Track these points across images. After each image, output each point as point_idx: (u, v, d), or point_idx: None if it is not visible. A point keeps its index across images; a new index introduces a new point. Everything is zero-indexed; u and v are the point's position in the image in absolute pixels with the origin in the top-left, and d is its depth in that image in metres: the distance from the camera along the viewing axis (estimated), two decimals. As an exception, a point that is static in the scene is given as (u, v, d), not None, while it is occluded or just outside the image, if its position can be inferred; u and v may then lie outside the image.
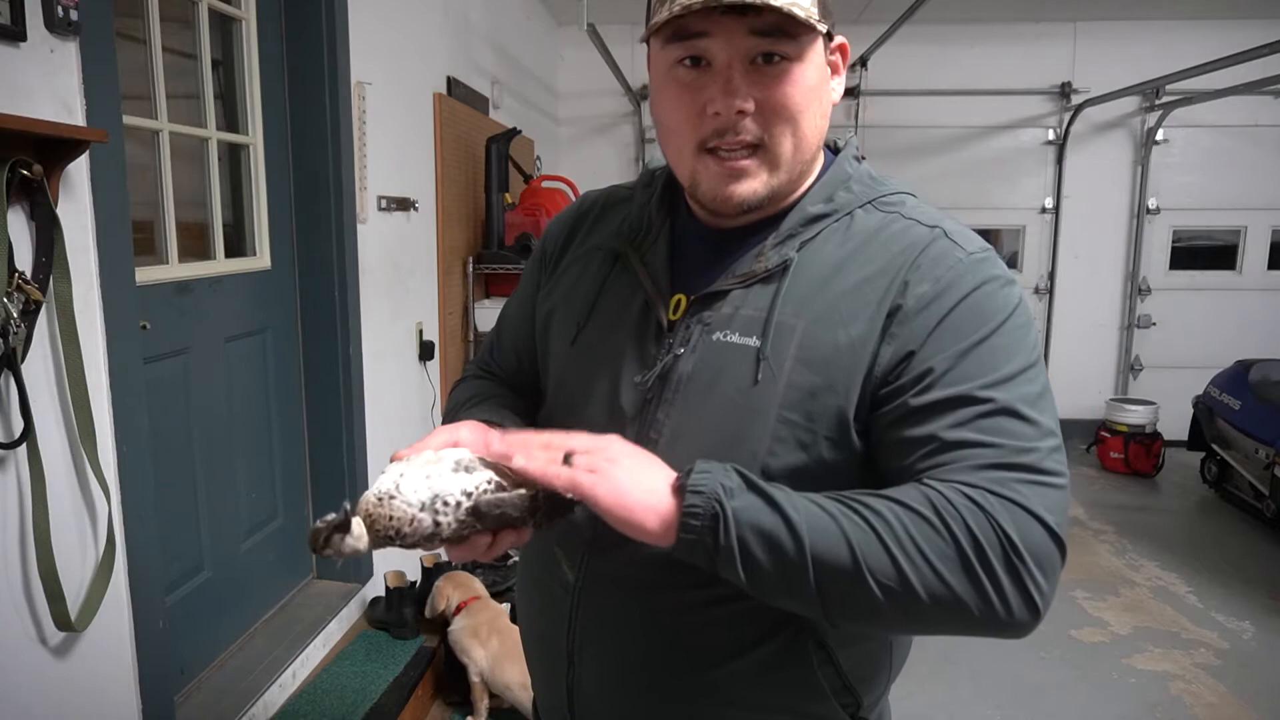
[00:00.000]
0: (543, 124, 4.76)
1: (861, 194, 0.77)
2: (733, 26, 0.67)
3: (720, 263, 0.77)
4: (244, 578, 2.08)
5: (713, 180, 0.73)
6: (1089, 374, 5.39)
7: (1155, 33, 4.96)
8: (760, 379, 0.70)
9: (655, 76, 0.76)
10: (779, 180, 0.73)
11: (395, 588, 2.33)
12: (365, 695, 2.03)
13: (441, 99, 2.91)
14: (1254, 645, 2.89)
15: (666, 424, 0.74)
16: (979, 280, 0.70)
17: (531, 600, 0.90)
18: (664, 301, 0.78)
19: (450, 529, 0.66)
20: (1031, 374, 0.69)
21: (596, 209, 0.91)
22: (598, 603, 0.79)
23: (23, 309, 1.22)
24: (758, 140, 0.71)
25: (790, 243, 0.75)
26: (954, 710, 2.52)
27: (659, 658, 0.76)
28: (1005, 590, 0.62)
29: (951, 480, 0.63)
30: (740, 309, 0.74)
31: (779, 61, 0.69)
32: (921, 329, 0.68)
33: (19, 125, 1.17)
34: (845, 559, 0.61)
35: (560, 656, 0.83)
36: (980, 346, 0.68)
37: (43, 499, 1.27)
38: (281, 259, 2.20)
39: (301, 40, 2.15)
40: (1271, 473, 3.72)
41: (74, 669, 1.40)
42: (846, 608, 0.63)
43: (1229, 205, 5.16)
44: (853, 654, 0.76)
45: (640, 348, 0.78)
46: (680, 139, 0.73)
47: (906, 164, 5.27)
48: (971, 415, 0.65)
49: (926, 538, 0.61)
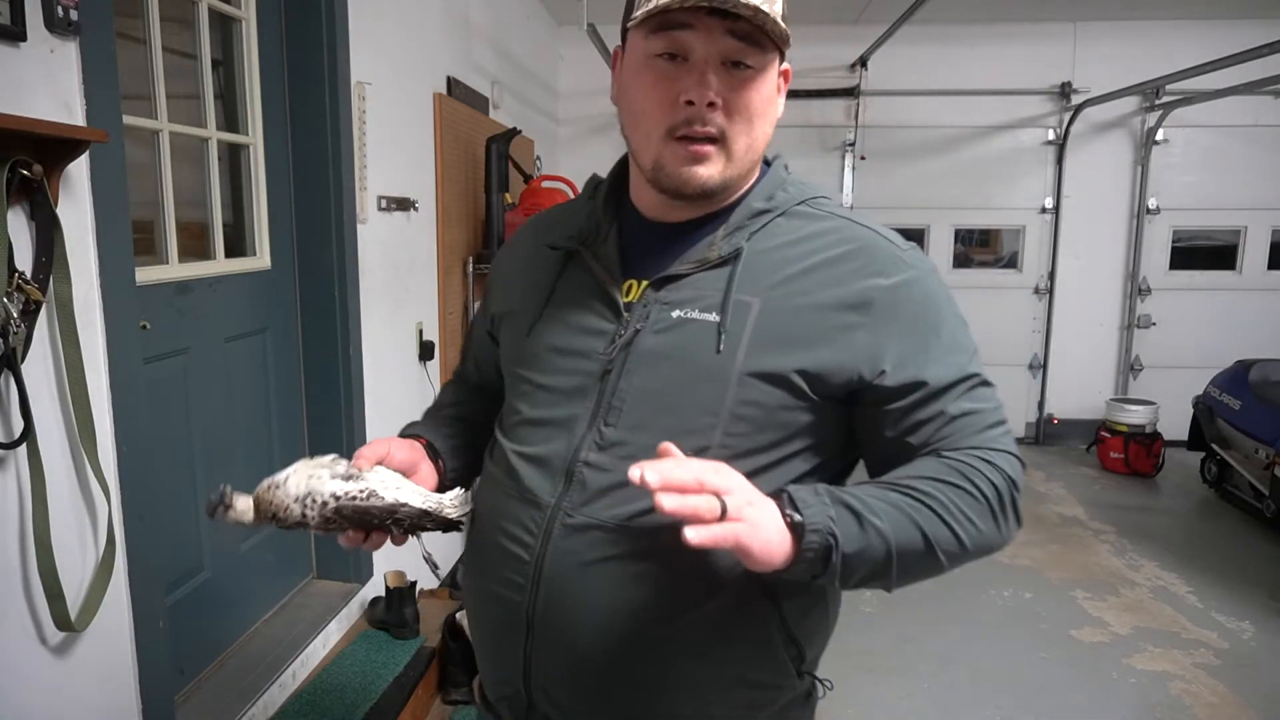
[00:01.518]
0: (543, 124, 4.76)
1: (795, 194, 0.88)
2: (714, 25, 0.76)
3: (668, 253, 0.87)
4: (244, 578, 2.08)
5: (678, 162, 0.81)
6: (1089, 374, 5.39)
7: (1155, 33, 4.95)
8: (722, 348, 0.80)
9: (630, 65, 0.83)
10: (732, 171, 0.82)
11: (395, 588, 2.33)
12: (365, 695, 2.03)
13: (441, 99, 2.91)
14: (1254, 645, 2.89)
15: (629, 391, 0.82)
16: (925, 270, 0.85)
17: (484, 570, 0.91)
18: (618, 286, 0.87)
19: (315, 521, 0.82)
20: (973, 342, 0.85)
21: (541, 224, 1.01)
22: (562, 564, 0.83)
23: (23, 309, 1.22)
24: (720, 133, 0.80)
25: (739, 233, 0.85)
26: (954, 710, 2.52)
27: (621, 616, 0.81)
28: (1011, 520, 0.81)
29: (965, 447, 0.80)
30: (698, 290, 0.83)
31: (745, 69, 0.78)
32: (894, 321, 0.81)
33: (19, 125, 1.17)
34: (920, 545, 0.75)
35: (518, 626, 0.86)
36: (947, 330, 0.83)
37: (43, 499, 1.27)
38: (281, 259, 2.20)
39: (301, 40, 2.15)
40: (1271, 473, 3.72)
41: (74, 669, 1.40)
42: (915, 576, 0.77)
43: (1229, 205, 5.16)
44: (796, 607, 0.85)
45: (598, 327, 0.86)
46: (651, 123, 0.81)
47: (906, 164, 5.27)
48: (964, 390, 0.82)
49: (967, 504, 0.77)
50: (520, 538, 0.85)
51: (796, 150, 5.29)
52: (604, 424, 0.83)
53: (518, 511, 0.86)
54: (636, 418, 0.81)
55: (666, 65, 0.78)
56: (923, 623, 3.03)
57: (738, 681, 0.84)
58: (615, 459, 0.81)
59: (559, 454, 0.85)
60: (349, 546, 0.85)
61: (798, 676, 0.87)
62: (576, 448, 0.84)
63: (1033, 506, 4.29)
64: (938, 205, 5.29)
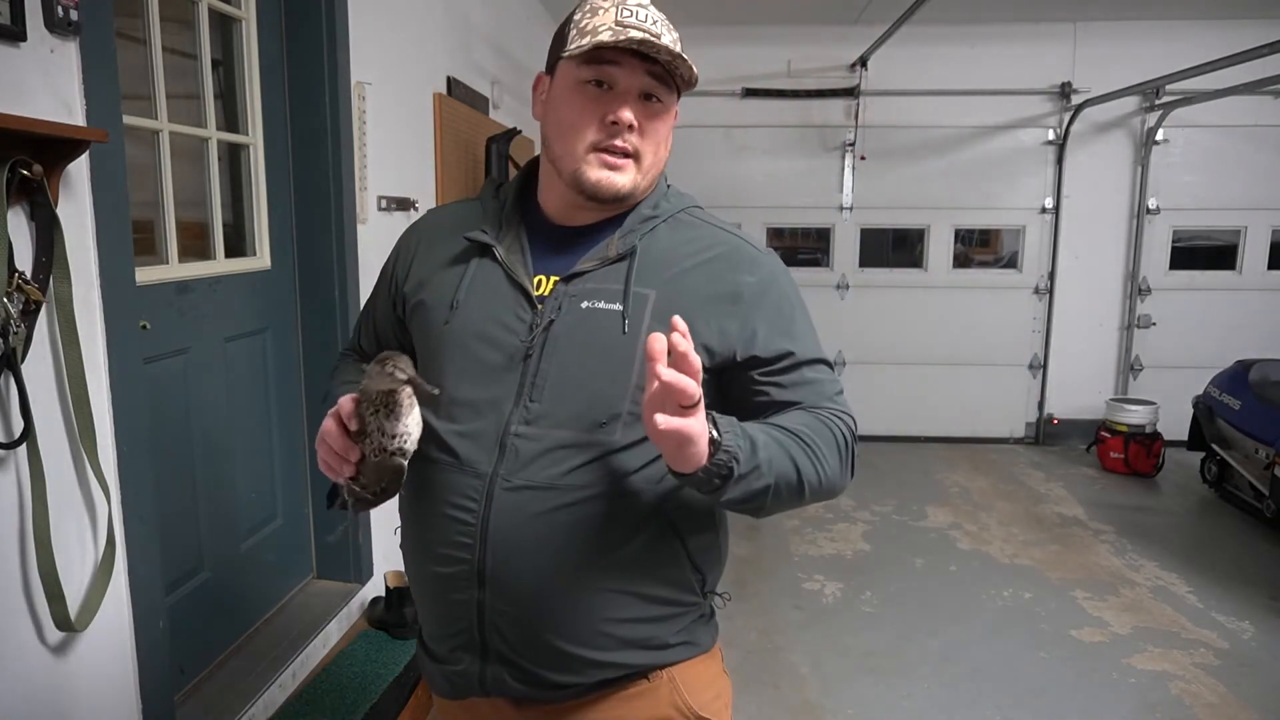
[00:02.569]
0: (543, 124, 4.75)
1: (676, 204, 1.05)
2: (636, 65, 0.94)
3: (569, 253, 1.01)
4: (244, 578, 2.08)
5: (599, 170, 0.96)
6: (1089, 374, 5.39)
7: (1155, 33, 4.95)
8: (626, 332, 0.95)
9: (561, 88, 0.98)
10: (641, 182, 0.99)
11: (395, 588, 2.34)
12: (365, 695, 2.03)
13: (441, 99, 2.91)
14: (1254, 645, 2.89)
15: (550, 371, 0.96)
16: (780, 270, 1.04)
17: (429, 542, 1.00)
18: (530, 280, 1.00)
19: (386, 452, 0.92)
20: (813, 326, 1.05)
21: (447, 218, 1.12)
22: (507, 521, 0.94)
23: (23, 309, 1.22)
24: (633, 151, 0.97)
25: (632, 235, 1.00)
26: (954, 710, 2.52)
27: (561, 558, 0.95)
28: (850, 467, 1.00)
29: (824, 406, 0.99)
30: (601, 284, 0.98)
31: (655, 102, 0.97)
32: (760, 309, 0.99)
33: (19, 125, 1.18)
34: (793, 477, 0.91)
35: (469, 583, 0.96)
36: (801, 318, 1.03)
37: (43, 499, 1.27)
38: (281, 259, 2.20)
39: (301, 40, 2.15)
40: (1271, 473, 3.72)
41: (74, 669, 1.40)
42: (783, 504, 0.92)
43: (1229, 205, 5.16)
44: (697, 542, 1.02)
45: (515, 316, 0.98)
46: (577, 136, 0.96)
47: (906, 164, 5.27)
48: (817, 363, 1.01)
49: (829, 448, 0.95)
50: (464, 504, 0.96)
51: (796, 150, 5.30)
52: (529, 400, 0.96)
53: (459, 481, 0.97)
54: (557, 393, 0.95)
55: (595, 91, 0.95)
56: (923, 623, 3.03)
57: (657, 601, 1.00)
58: (542, 429, 0.95)
59: (491, 428, 0.96)
60: (329, 450, 0.95)
61: (702, 596, 1.05)
62: (506, 422, 0.96)
63: (1032, 506, 4.29)
64: (938, 205, 5.29)
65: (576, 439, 0.95)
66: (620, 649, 0.99)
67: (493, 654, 0.99)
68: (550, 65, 1.01)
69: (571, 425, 0.95)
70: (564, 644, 0.97)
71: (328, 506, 1.10)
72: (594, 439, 0.95)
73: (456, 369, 0.99)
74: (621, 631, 0.99)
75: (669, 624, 1.02)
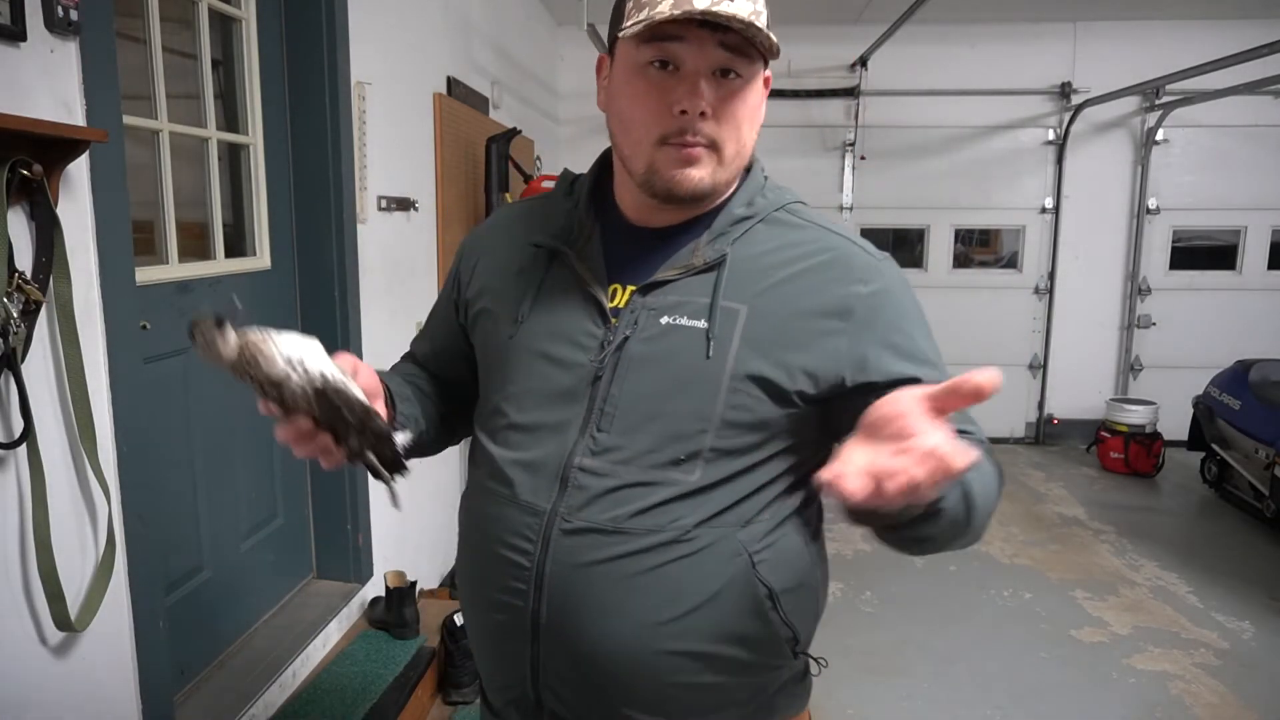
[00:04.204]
0: (543, 124, 4.76)
1: (774, 200, 0.90)
2: (705, 37, 0.78)
3: (651, 258, 0.88)
4: (244, 578, 2.07)
5: (670, 166, 0.82)
6: (1089, 374, 5.39)
7: (1155, 33, 4.96)
8: (711, 354, 0.82)
9: (621, 74, 0.84)
10: (721, 176, 0.84)
11: (395, 588, 2.33)
12: (365, 695, 2.03)
13: (441, 99, 2.91)
14: (1254, 645, 2.89)
15: (622, 397, 0.84)
16: (898, 278, 0.88)
17: (483, 578, 0.90)
18: (604, 291, 0.87)
19: (292, 388, 0.73)
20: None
21: (517, 217, 1.00)
22: (564, 567, 0.83)
23: (23, 309, 1.22)
24: (710, 141, 0.81)
25: (722, 240, 0.86)
26: (954, 710, 2.52)
27: (625, 614, 0.83)
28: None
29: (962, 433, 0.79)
30: (684, 296, 0.85)
31: (734, 78, 0.81)
32: (874, 326, 0.84)
33: (19, 125, 1.17)
34: (963, 508, 0.76)
35: (524, 631, 0.86)
36: (923, 334, 0.87)
37: (43, 499, 1.27)
38: (281, 259, 2.20)
39: (301, 40, 2.15)
40: (1271, 473, 3.72)
41: (74, 669, 1.40)
42: (946, 543, 0.78)
43: (1229, 205, 5.16)
44: (791, 594, 0.87)
45: (586, 332, 0.86)
46: (643, 131, 0.82)
47: (906, 164, 5.27)
48: None
49: (990, 475, 0.81)
50: (518, 545, 0.85)
51: (796, 150, 5.30)
52: (596, 429, 0.84)
53: (514, 518, 0.86)
54: (629, 422, 0.83)
55: (658, 74, 0.80)
56: (923, 623, 3.03)
57: (737, 665, 0.87)
58: (609, 463, 0.83)
59: (552, 459, 0.85)
60: (292, 441, 0.77)
61: (793, 657, 0.91)
62: (570, 452, 0.84)
63: (1032, 506, 4.29)
64: (938, 205, 5.29)
65: (648, 477, 0.82)
66: (691, 718, 0.88)
67: (547, 714, 0.89)
68: (610, 44, 0.86)
69: (643, 461, 0.82)
70: (627, 710, 0.86)
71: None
72: (668, 478, 0.82)
73: (519, 389, 0.89)
74: (694, 699, 0.87)
75: (751, 690, 0.89)
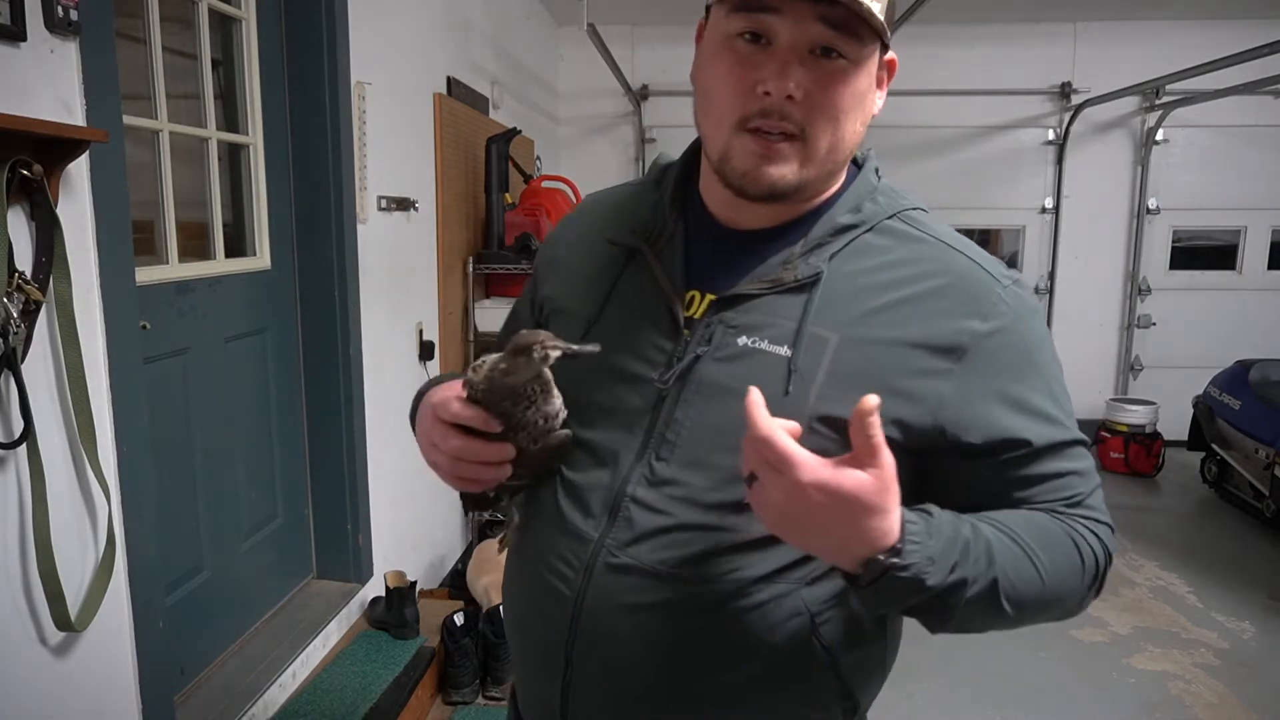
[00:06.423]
0: (543, 124, 4.76)
1: (886, 206, 0.78)
2: (804, 10, 0.66)
3: (738, 264, 0.77)
4: (244, 578, 2.07)
5: (747, 157, 0.71)
6: (1089, 374, 5.38)
7: (1155, 33, 4.95)
8: (791, 390, 0.71)
9: (708, 43, 0.74)
10: (810, 173, 0.72)
11: (395, 588, 2.33)
12: (365, 695, 2.03)
13: (441, 99, 2.91)
14: (1254, 645, 2.89)
15: (686, 423, 0.74)
16: (1027, 312, 0.75)
17: (523, 595, 0.85)
18: (680, 299, 0.77)
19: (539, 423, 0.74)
20: (1069, 397, 0.77)
21: (602, 208, 0.91)
22: (603, 605, 0.76)
23: (23, 309, 1.22)
24: (798, 130, 0.70)
25: (820, 252, 0.75)
26: (954, 710, 2.52)
27: (667, 662, 0.74)
28: (1096, 590, 0.75)
29: (1071, 514, 0.73)
30: (769, 316, 0.74)
31: (837, 59, 0.68)
32: (987, 371, 0.72)
33: (19, 125, 1.17)
34: (988, 590, 0.66)
35: (556, 659, 0.79)
36: (1052, 385, 0.74)
37: (43, 499, 1.27)
38: (281, 259, 2.20)
39: (301, 40, 2.15)
40: (1271, 473, 3.72)
41: (74, 669, 1.40)
42: (975, 625, 0.69)
43: (1229, 205, 5.16)
44: (853, 658, 0.77)
45: (655, 345, 0.77)
46: (722, 110, 0.71)
47: (906, 164, 5.26)
48: (1066, 450, 0.74)
49: (1062, 557, 0.71)
50: (561, 571, 0.78)
51: (796, 150, 5.29)
52: (655, 458, 0.75)
53: (559, 542, 0.78)
54: (692, 454, 0.73)
55: (747, 48, 0.69)
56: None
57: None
58: (666, 498, 0.74)
59: (603, 485, 0.76)
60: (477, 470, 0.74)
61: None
62: (624, 480, 0.75)
63: (1033, 506, 4.29)
64: (937, 205, 5.14)
65: (707, 520, 0.73)
66: None
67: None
68: (707, 8, 0.76)
69: (702, 501, 0.73)
70: None
71: (466, 512, 0.87)
72: (729, 523, 0.72)
73: (582, 402, 0.79)
74: None
75: None
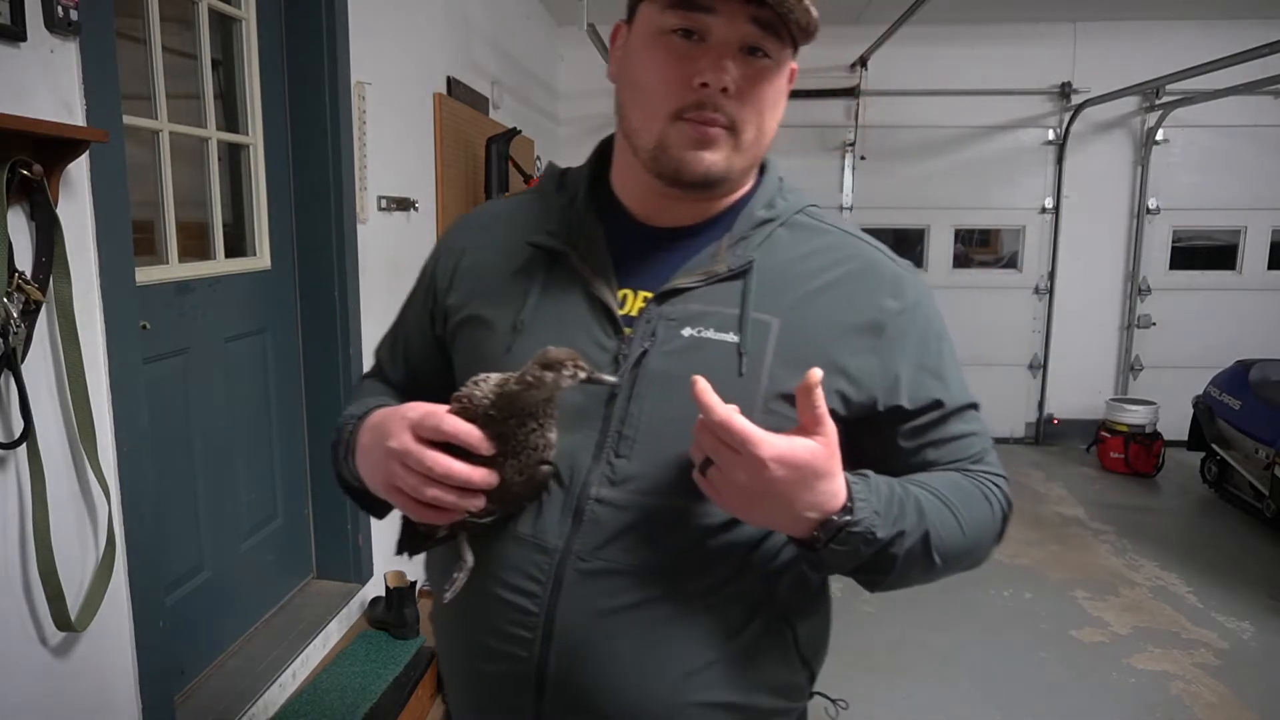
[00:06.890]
0: (543, 124, 4.76)
1: (794, 202, 0.84)
2: (736, 10, 0.71)
3: (663, 261, 0.80)
4: (244, 578, 2.07)
5: (683, 144, 0.74)
6: (1089, 374, 5.39)
7: (1155, 33, 4.95)
8: (745, 371, 0.74)
9: (639, 39, 0.76)
10: (737, 164, 0.76)
11: (395, 588, 2.33)
12: (365, 695, 2.03)
13: (441, 99, 2.91)
14: (1254, 645, 2.89)
15: (642, 418, 0.75)
16: (926, 293, 0.83)
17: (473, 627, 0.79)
18: (614, 297, 0.78)
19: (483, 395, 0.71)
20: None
21: (501, 216, 0.91)
22: (579, 615, 0.74)
23: (23, 309, 1.22)
24: (729, 122, 0.74)
25: (745, 244, 0.79)
26: (954, 710, 2.52)
27: (647, 667, 0.74)
28: (997, 540, 0.83)
29: (977, 471, 0.81)
30: (708, 306, 0.77)
31: (762, 58, 0.73)
32: (905, 344, 0.79)
33: (19, 125, 1.17)
34: (921, 544, 0.73)
35: (525, 689, 0.76)
36: (949, 353, 0.83)
37: (43, 499, 1.27)
38: (281, 259, 2.20)
39: (301, 40, 2.15)
40: (1271, 473, 3.72)
41: (74, 669, 1.40)
42: (906, 579, 0.75)
43: (1229, 205, 5.16)
44: (806, 628, 0.83)
45: (596, 344, 0.77)
46: (657, 101, 0.74)
47: (906, 164, 5.27)
48: (969, 412, 0.83)
49: (978, 513, 0.79)
50: (523, 586, 0.75)
51: (796, 150, 5.29)
52: (614, 455, 0.74)
53: (517, 556, 0.75)
54: (652, 448, 0.74)
55: (681, 43, 0.72)
56: (923, 623, 3.03)
57: (759, 714, 0.80)
58: (630, 494, 0.74)
59: (559, 490, 0.75)
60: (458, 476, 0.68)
61: (807, 697, 0.87)
62: (584, 483, 0.75)
63: (1033, 506, 4.29)
64: (938, 205, 5.29)
65: (676, 508, 0.74)
66: None
67: None
68: (630, 10, 0.79)
69: (670, 491, 0.73)
70: None
71: (408, 553, 0.81)
72: (698, 509, 0.74)
73: None
74: None
75: None
